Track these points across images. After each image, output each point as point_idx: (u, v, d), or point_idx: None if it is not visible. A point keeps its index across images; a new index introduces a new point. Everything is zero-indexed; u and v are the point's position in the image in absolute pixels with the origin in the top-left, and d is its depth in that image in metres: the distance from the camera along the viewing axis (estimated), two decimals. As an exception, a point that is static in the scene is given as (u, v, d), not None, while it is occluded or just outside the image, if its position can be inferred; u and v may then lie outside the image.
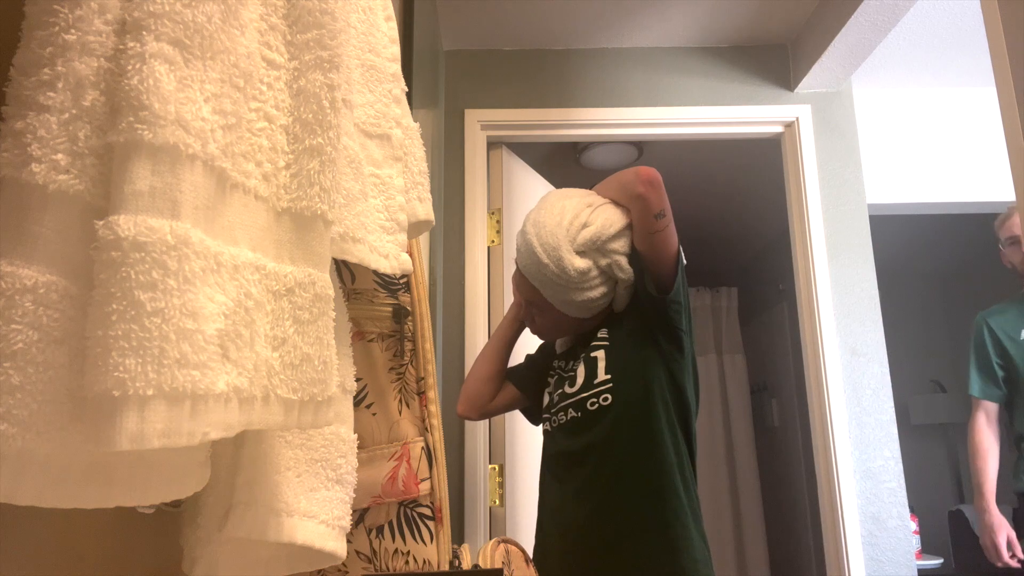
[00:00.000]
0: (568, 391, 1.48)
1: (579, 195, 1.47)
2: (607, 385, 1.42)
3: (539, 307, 1.50)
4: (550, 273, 1.40)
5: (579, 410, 1.44)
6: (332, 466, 0.63)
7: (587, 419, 1.42)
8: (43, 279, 0.38)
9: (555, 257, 1.39)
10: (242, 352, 0.44)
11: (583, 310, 1.45)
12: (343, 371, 0.64)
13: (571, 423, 1.45)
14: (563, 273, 1.39)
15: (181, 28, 0.41)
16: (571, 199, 1.45)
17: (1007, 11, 1.50)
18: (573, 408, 1.45)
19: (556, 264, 1.39)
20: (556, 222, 1.41)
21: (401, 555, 0.81)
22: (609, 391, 1.41)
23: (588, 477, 1.40)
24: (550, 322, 1.52)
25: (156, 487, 0.46)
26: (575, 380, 1.47)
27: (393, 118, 0.69)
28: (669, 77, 2.59)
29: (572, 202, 1.44)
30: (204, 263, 0.41)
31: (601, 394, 1.42)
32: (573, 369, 1.50)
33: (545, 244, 1.40)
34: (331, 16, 0.53)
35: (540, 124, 2.55)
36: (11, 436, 0.36)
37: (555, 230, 1.40)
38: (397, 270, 0.65)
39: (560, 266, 1.39)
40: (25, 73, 0.39)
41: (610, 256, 1.40)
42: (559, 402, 1.49)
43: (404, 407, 0.84)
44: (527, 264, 1.44)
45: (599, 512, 1.37)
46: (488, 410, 1.69)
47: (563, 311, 1.46)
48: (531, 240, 1.43)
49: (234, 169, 0.46)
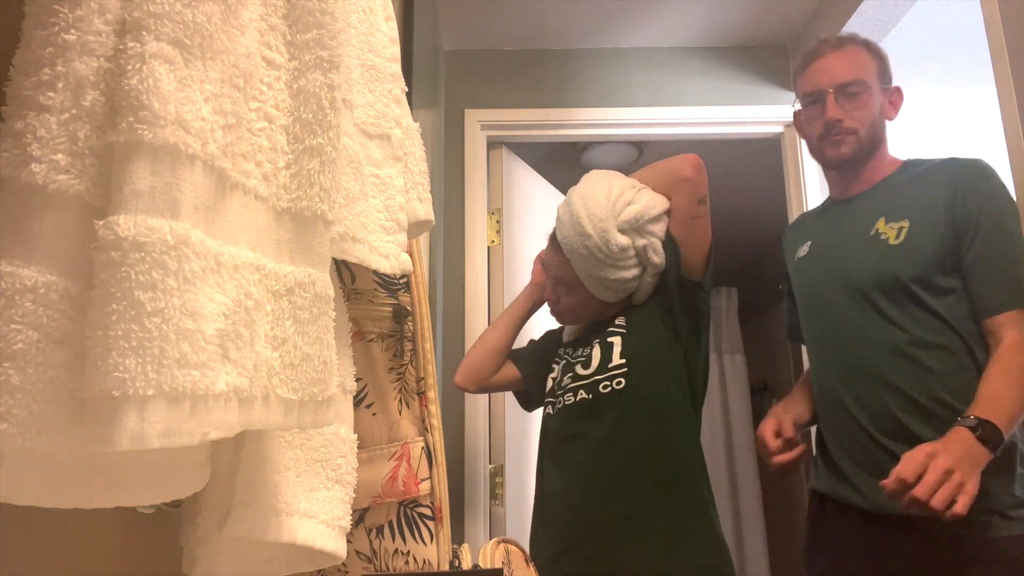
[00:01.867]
0: (581, 372, 1.47)
1: (623, 176, 1.50)
2: (622, 369, 1.42)
3: (568, 285, 1.50)
4: (592, 245, 1.41)
5: (591, 392, 1.44)
6: (332, 466, 0.63)
7: (598, 401, 1.42)
8: (43, 279, 0.38)
9: (601, 229, 1.40)
10: (242, 352, 0.44)
11: (611, 291, 1.46)
12: (343, 371, 0.64)
13: (580, 404, 1.45)
14: (605, 246, 1.40)
15: (181, 28, 0.41)
16: (617, 178, 1.48)
17: (1007, 11, 1.50)
18: (584, 390, 1.45)
19: (600, 236, 1.40)
20: (604, 195, 1.43)
21: (401, 555, 0.81)
22: (623, 375, 1.42)
23: (595, 458, 1.40)
24: (575, 303, 1.52)
25: (156, 487, 0.46)
26: (589, 362, 1.47)
27: (393, 118, 0.69)
28: (669, 77, 2.59)
29: (619, 181, 1.47)
30: (204, 263, 0.41)
31: (615, 377, 1.42)
32: (586, 353, 1.49)
33: (593, 216, 1.41)
34: (331, 16, 0.53)
35: (540, 124, 2.55)
36: (11, 436, 0.36)
37: (603, 203, 1.42)
38: (397, 270, 0.65)
39: (604, 239, 1.40)
40: (25, 73, 0.39)
41: (647, 237, 1.42)
42: (570, 384, 1.48)
43: (404, 407, 0.84)
44: (569, 235, 1.44)
45: (609, 494, 1.37)
46: (486, 385, 1.68)
47: (591, 290, 1.47)
48: (578, 211, 1.43)
49: (234, 169, 0.46)
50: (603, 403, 1.42)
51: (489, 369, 1.67)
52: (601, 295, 1.48)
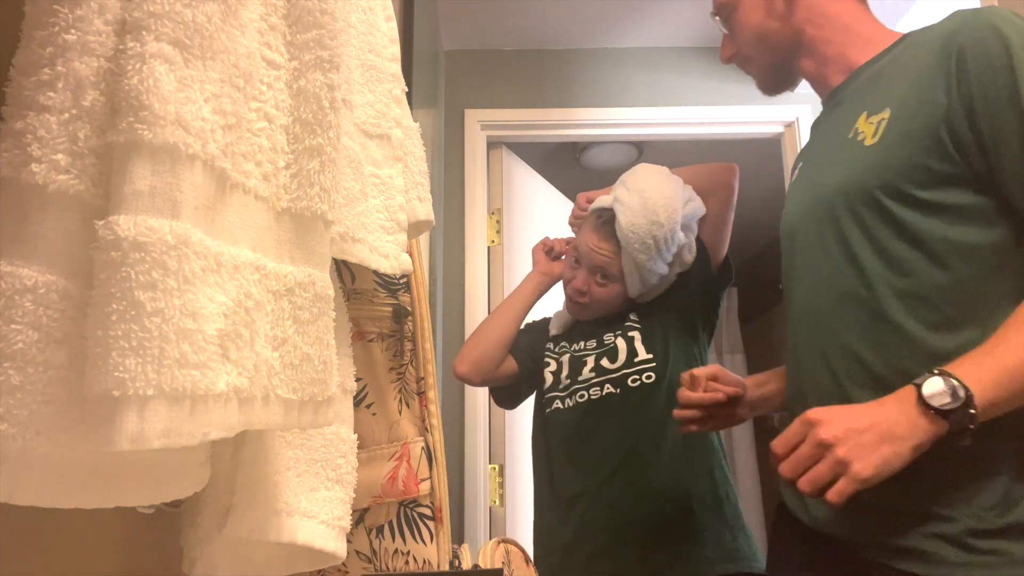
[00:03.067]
0: (608, 366, 1.45)
1: None
2: (650, 364, 1.42)
3: (607, 276, 1.47)
4: (660, 234, 1.40)
5: (618, 386, 1.42)
6: (332, 466, 0.63)
7: (628, 396, 1.41)
8: (43, 279, 0.38)
9: (673, 220, 1.40)
10: (242, 352, 0.44)
11: (644, 285, 1.46)
12: (343, 371, 0.64)
13: (609, 399, 1.42)
14: (671, 238, 1.41)
15: (181, 28, 0.41)
16: (673, 176, 1.50)
17: (1007, 11, 1.49)
18: (612, 384, 1.43)
19: (671, 228, 1.40)
20: (674, 190, 1.44)
21: (401, 555, 0.81)
22: (652, 369, 1.42)
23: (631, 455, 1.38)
24: (607, 295, 1.49)
25: (156, 487, 0.46)
26: (616, 356, 1.45)
27: (393, 118, 0.69)
28: (669, 77, 2.59)
29: (675, 179, 1.49)
30: (204, 263, 0.41)
31: (644, 372, 1.42)
32: (608, 345, 1.47)
33: (668, 206, 1.41)
34: (331, 16, 0.53)
35: (540, 124, 2.55)
36: (11, 436, 0.36)
37: (678, 195, 1.44)
38: (397, 270, 0.65)
39: (672, 229, 1.41)
40: (25, 73, 0.39)
41: (689, 236, 1.46)
42: (593, 378, 1.45)
43: (404, 407, 0.84)
44: (636, 223, 1.40)
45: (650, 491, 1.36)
46: (490, 377, 1.60)
47: (628, 284, 1.46)
48: (653, 199, 1.41)
49: (234, 169, 0.46)
50: (633, 397, 1.41)
51: (497, 360, 1.58)
52: (634, 289, 1.47)
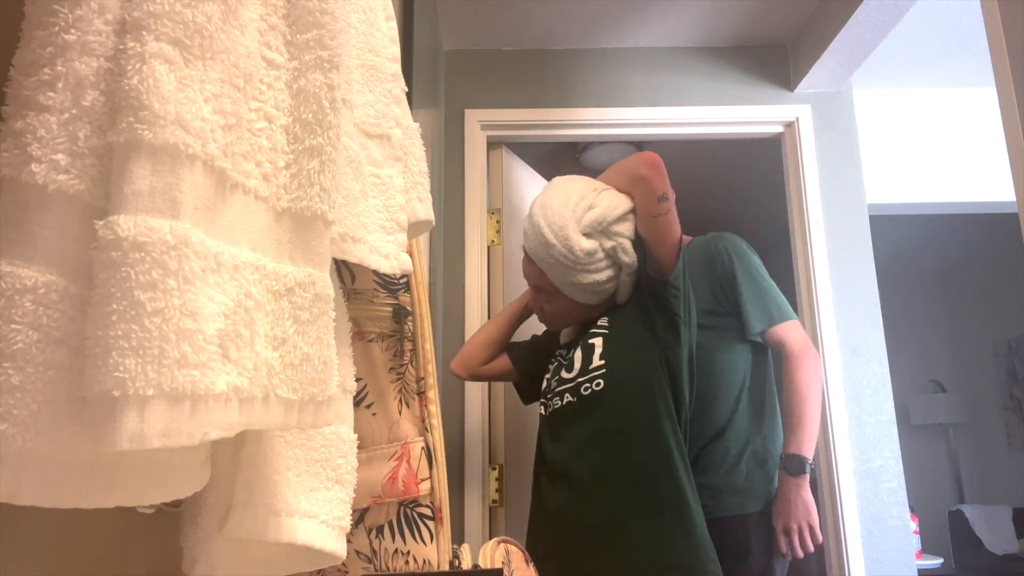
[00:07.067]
0: (566, 376, 1.48)
1: (584, 180, 1.50)
2: (600, 370, 1.42)
3: (547, 293, 1.52)
4: (557, 253, 1.42)
5: (575, 395, 1.45)
6: (332, 466, 0.63)
7: (581, 404, 1.43)
8: (43, 279, 0.38)
9: (562, 236, 1.41)
10: (242, 352, 0.44)
11: (589, 294, 1.46)
12: (343, 371, 0.64)
13: (567, 408, 1.45)
14: (570, 253, 1.41)
15: (181, 28, 0.41)
16: (577, 183, 1.48)
17: (1007, 11, 1.50)
18: (570, 393, 1.46)
19: (563, 244, 1.41)
20: (562, 203, 1.43)
21: (401, 555, 0.81)
22: (602, 376, 1.42)
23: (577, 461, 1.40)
24: (558, 309, 1.53)
25: (156, 487, 0.46)
26: (572, 365, 1.48)
27: (393, 118, 0.69)
28: (669, 77, 2.59)
29: (578, 185, 1.47)
30: (204, 263, 0.41)
31: (594, 379, 1.42)
32: (570, 356, 1.51)
33: (552, 224, 1.42)
34: (331, 16, 0.53)
35: (540, 124, 2.55)
36: (11, 436, 0.36)
37: (561, 210, 1.42)
38: (397, 270, 0.65)
39: (567, 245, 1.40)
40: (25, 73, 0.39)
41: (614, 239, 1.42)
42: (557, 387, 1.49)
43: (404, 407, 0.84)
44: (535, 246, 1.46)
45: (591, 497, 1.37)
46: (477, 373, 1.75)
47: (570, 295, 1.48)
48: (538, 221, 1.45)
49: (234, 169, 0.45)
50: (585, 405, 1.42)
51: (479, 359, 1.74)
52: (581, 299, 1.48)
